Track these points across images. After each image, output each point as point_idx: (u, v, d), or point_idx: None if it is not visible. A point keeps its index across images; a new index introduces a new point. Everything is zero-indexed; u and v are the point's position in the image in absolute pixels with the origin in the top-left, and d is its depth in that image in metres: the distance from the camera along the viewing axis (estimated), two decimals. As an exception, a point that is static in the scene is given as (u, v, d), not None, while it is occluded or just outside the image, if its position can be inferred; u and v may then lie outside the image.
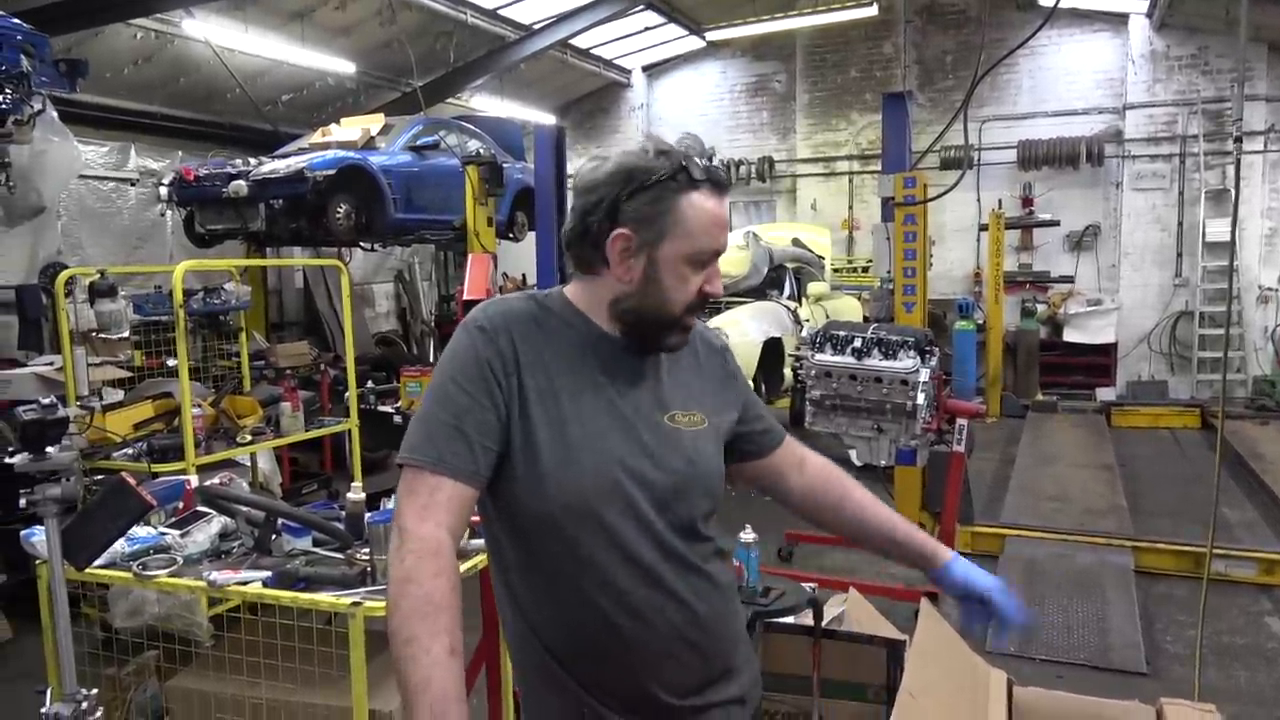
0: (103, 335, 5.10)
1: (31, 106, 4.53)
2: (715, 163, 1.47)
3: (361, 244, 8.68)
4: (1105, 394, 10.77)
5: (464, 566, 2.44)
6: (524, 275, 12.29)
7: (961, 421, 4.94)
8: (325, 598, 2.55)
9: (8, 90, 4.37)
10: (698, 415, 1.52)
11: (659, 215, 1.40)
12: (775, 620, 3.23)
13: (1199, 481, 7.08)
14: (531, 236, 8.84)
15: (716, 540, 1.54)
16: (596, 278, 1.47)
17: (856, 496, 1.73)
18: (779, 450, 1.72)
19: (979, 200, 11.43)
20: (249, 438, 4.75)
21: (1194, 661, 3.63)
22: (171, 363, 5.62)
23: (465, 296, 3.49)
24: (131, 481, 2.11)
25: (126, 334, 5.47)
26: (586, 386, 1.44)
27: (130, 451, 4.38)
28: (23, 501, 2.05)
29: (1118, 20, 10.93)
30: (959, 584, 1.69)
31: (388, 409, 6.03)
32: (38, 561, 2.71)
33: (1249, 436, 8.30)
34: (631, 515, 1.41)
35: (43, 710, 1.95)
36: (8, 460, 2.14)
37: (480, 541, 1.58)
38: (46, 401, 2.09)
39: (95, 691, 2.00)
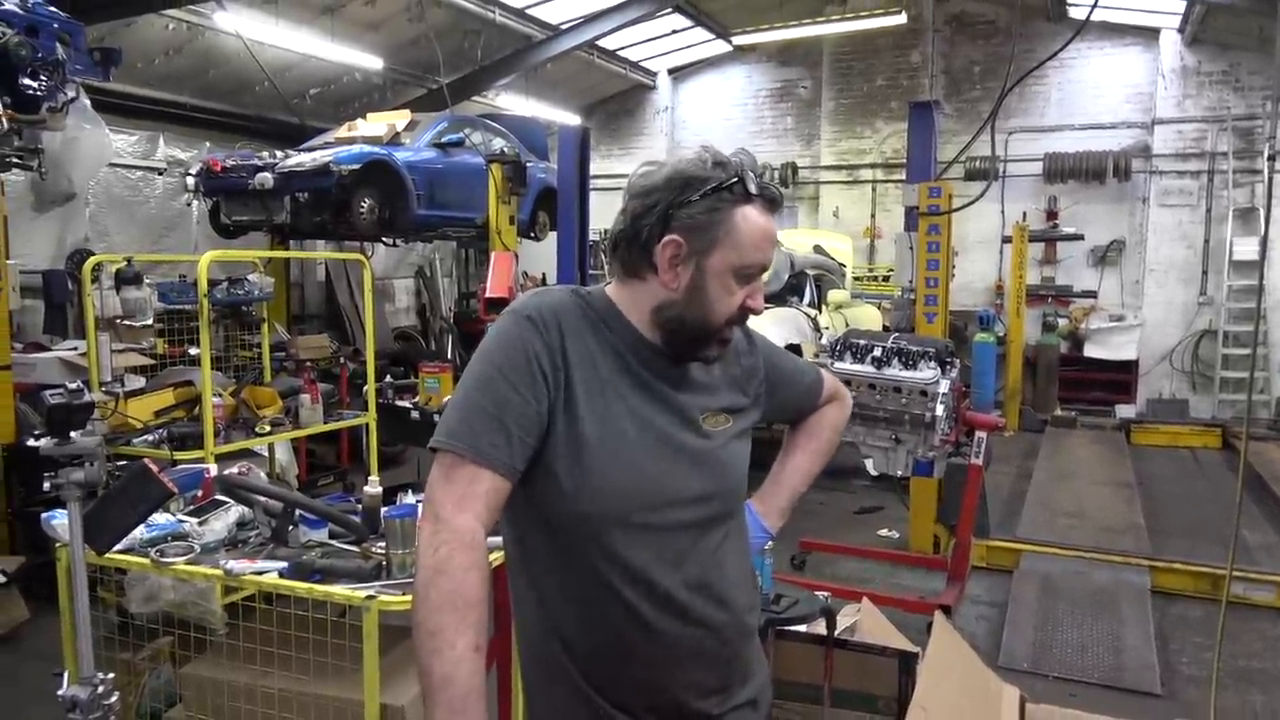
0: (127, 322, 5.16)
1: (65, 94, 4.58)
2: (767, 180, 1.47)
3: (384, 239, 8.73)
4: (1125, 411, 10.67)
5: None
6: (544, 274, 12.30)
7: (980, 434, 4.91)
8: (340, 590, 2.56)
9: (43, 77, 4.43)
10: (723, 416, 1.53)
11: (712, 225, 1.40)
12: (788, 628, 3.23)
13: (1218, 502, 7.01)
14: (553, 236, 8.87)
15: (737, 539, 1.55)
16: (640, 283, 1.46)
17: (796, 441, 1.86)
18: (811, 411, 1.84)
19: (1003, 212, 11.35)
20: (268, 428, 4.78)
21: (1209, 684, 3.59)
22: (193, 351, 5.67)
23: (489, 294, 3.49)
24: (154, 468, 2.13)
25: (150, 321, 5.53)
26: (631, 387, 1.44)
27: (151, 438, 4.42)
28: (46, 485, 2.07)
29: (1149, 34, 10.83)
30: None
31: (405, 404, 6.03)
32: (57, 544, 2.74)
33: (1271, 458, 8.20)
34: (669, 516, 1.41)
35: (60, 693, 1.97)
36: (33, 444, 2.16)
37: (498, 539, 1.56)
38: (73, 386, 2.11)
39: (111, 676, 2.02)
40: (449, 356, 10.62)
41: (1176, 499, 7.37)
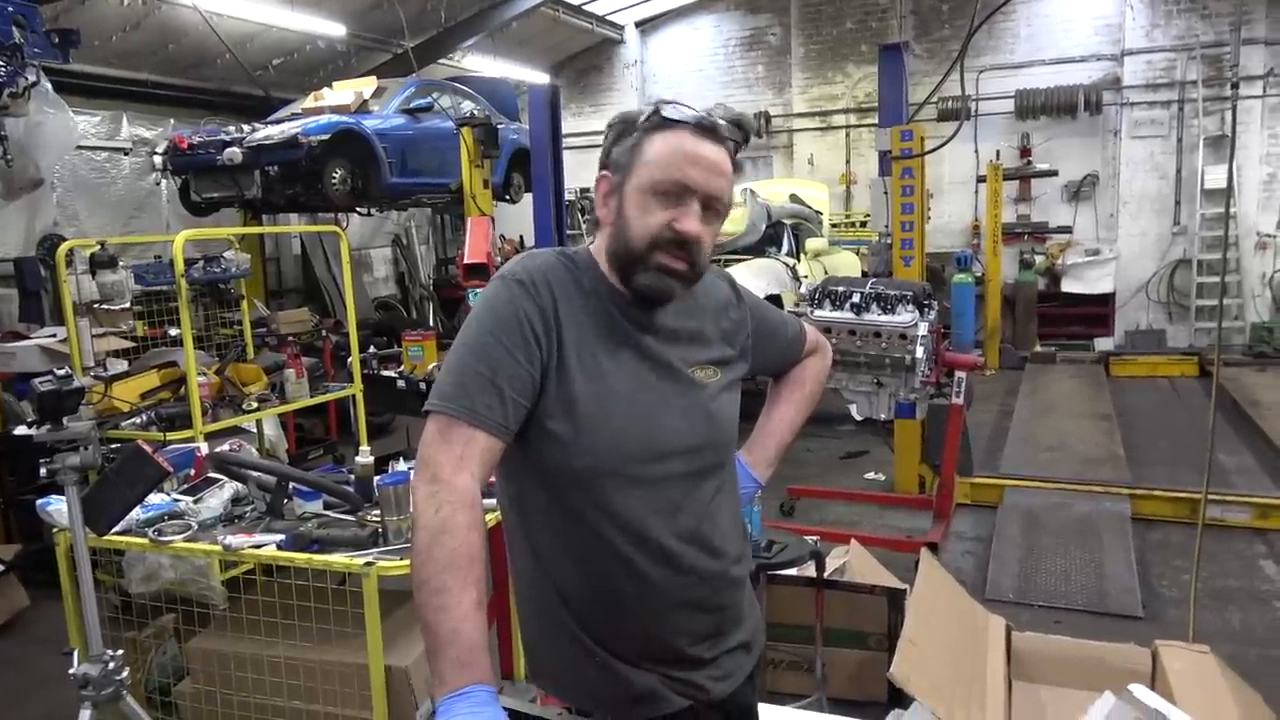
0: (105, 306, 5.13)
1: (26, 78, 4.50)
2: (717, 114, 1.45)
3: (358, 209, 8.65)
4: (1103, 344, 10.82)
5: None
6: (521, 237, 12.24)
7: (960, 374, 4.98)
8: (339, 559, 2.61)
9: (1, 63, 4.35)
10: (712, 368, 1.55)
11: (629, 153, 1.43)
12: (779, 573, 3.31)
13: (1196, 429, 7.14)
14: (528, 198, 8.82)
15: (729, 489, 1.58)
16: (603, 231, 1.50)
17: (781, 391, 1.88)
18: (794, 364, 1.87)
19: (977, 152, 11.37)
20: (255, 404, 4.79)
21: (1189, 605, 3.72)
22: (174, 332, 5.65)
23: (466, 260, 3.50)
24: (148, 449, 2.15)
25: (128, 304, 5.51)
26: (619, 343, 1.46)
27: (139, 420, 4.43)
28: (43, 471, 2.09)
29: (1116, -36, 10.79)
30: None
31: (391, 374, 6.05)
32: (55, 529, 2.77)
33: (1246, 384, 8.36)
34: (661, 469, 1.44)
35: (71, 671, 2.01)
36: (23, 432, 2.18)
37: (493, 500, 1.60)
38: (62, 372, 2.12)
39: (120, 652, 2.06)
40: (431, 324, 10.62)
41: (1155, 428, 7.51)
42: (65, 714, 2.26)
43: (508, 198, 9.47)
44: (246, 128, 7.57)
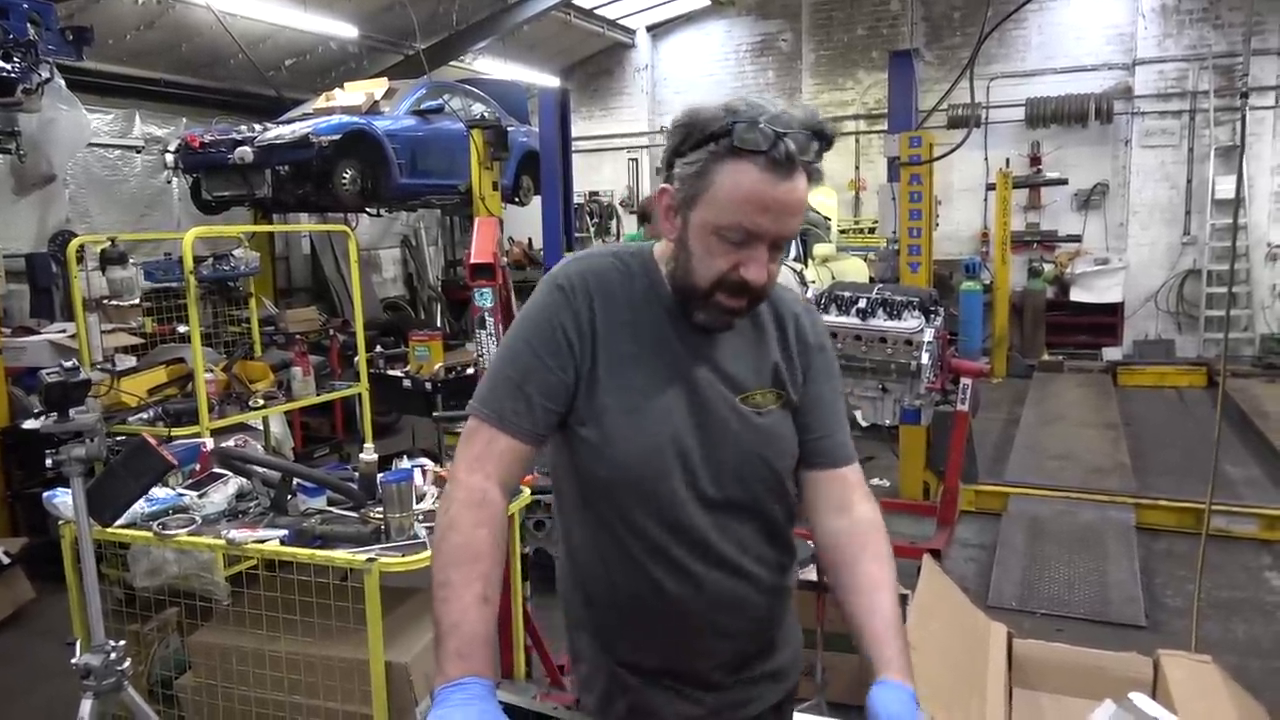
0: (114, 302, 5.16)
1: (40, 75, 4.54)
2: (796, 123, 1.28)
3: (367, 209, 8.69)
4: (1111, 353, 10.78)
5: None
6: (530, 239, 12.28)
7: (966, 381, 4.97)
8: (341, 554, 2.62)
9: (16, 59, 4.39)
10: (772, 394, 1.45)
11: (698, 177, 1.30)
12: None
13: (1203, 439, 7.09)
14: (537, 201, 8.84)
15: (766, 519, 1.47)
16: (665, 240, 1.42)
17: (862, 570, 1.43)
18: (829, 474, 1.50)
19: (987, 159, 11.35)
20: (261, 401, 4.82)
21: (1193, 615, 3.70)
22: (182, 329, 5.68)
23: (473, 260, 3.51)
24: (153, 442, 2.17)
25: (138, 300, 5.54)
26: (662, 359, 1.39)
27: (146, 416, 4.46)
28: (49, 462, 2.11)
29: (1128, -26, 10.77)
30: (869, 707, 1.29)
31: (397, 373, 6.08)
32: (60, 522, 2.79)
33: (1254, 395, 8.32)
34: (687, 493, 1.38)
35: (73, 661, 2.02)
36: (31, 425, 2.20)
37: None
38: (69, 365, 2.14)
39: (123, 643, 2.08)
40: (438, 325, 10.64)
41: (1162, 437, 7.48)
42: (68, 706, 2.27)
43: (517, 200, 9.50)
44: (258, 127, 7.62)
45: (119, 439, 3.19)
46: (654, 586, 1.40)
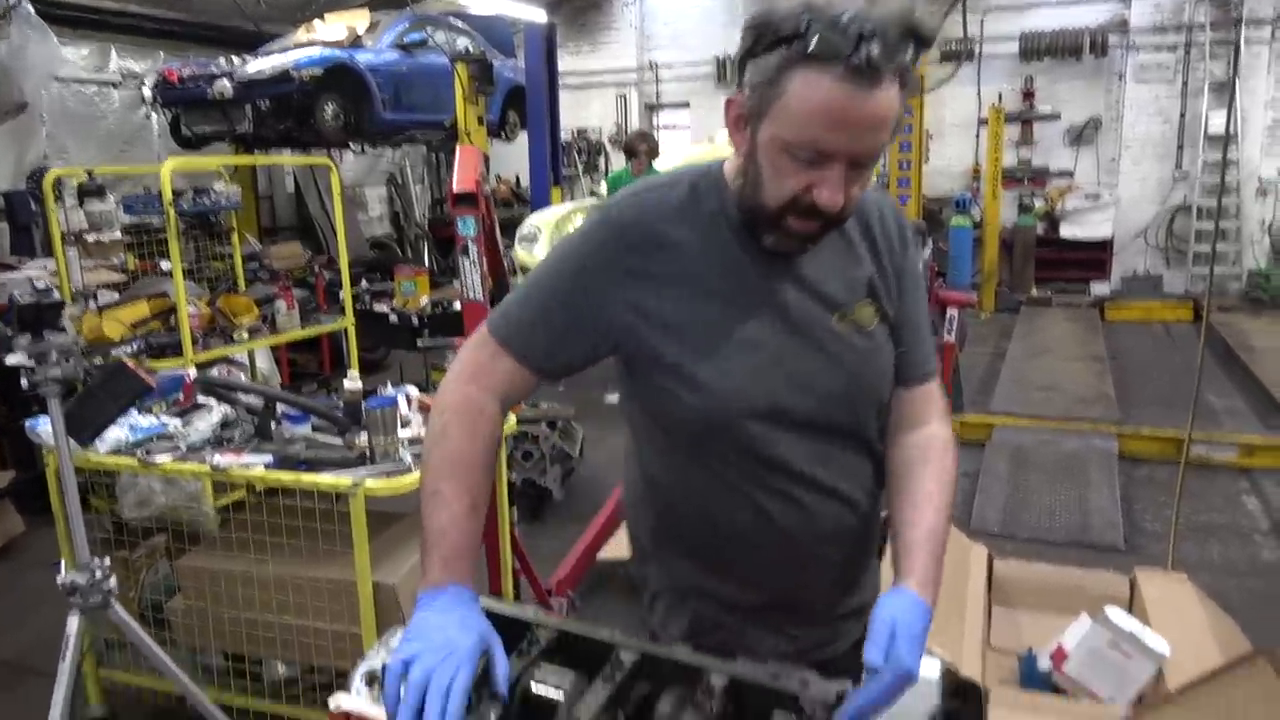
0: (95, 236, 5.10)
1: (6, 0, 4.42)
2: (891, 36, 1.08)
3: (351, 145, 8.57)
4: (1100, 289, 10.79)
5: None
6: (516, 177, 12.16)
7: (952, 312, 4.98)
8: (326, 478, 2.63)
9: (-20, -18, 4.26)
10: (870, 310, 1.34)
11: (766, 85, 1.16)
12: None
13: (1187, 372, 7.12)
14: (523, 137, 8.73)
15: (871, 449, 1.39)
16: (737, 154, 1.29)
17: (917, 485, 1.35)
18: (909, 391, 1.41)
19: (979, 94, 11.21)
20: (246, 335, 4.80)
21: (1170, 537, 3.77)
22: (165, 266, 5.63)
23: (455, 189, 3.45)
24: (130, 363, 2.16)
25: (118, 235, 5.48)
26: (738, 284, 1.28)
27: (129, 349, 4.43)
28: (24, 382, 2.09)
29: (1127, -99, 10.53)
30: (874, 619, 1.18)
31: (383, 309, 6.06)
32: (45, 450, 2.79)
33: (1240, 329, 8.36)
34: (788, 423, 1.29)
35: (59, 579, 2.03)
36: (14, 360, 2.17)
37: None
38: (41, 286, 2.12)
39: (108, 562, 2.09)
40: (425, 263, 10.58)
41: (1147, 370, 7.53)
42: (59, 633, 2.29)
43: (503, 135, 9.38)
44: (237, 60, 7.46)
45: (97, 361, 3.17)
46: (760, 519, 1.32)
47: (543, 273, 1.32)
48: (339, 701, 0.99)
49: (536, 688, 1.10)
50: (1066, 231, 11.02)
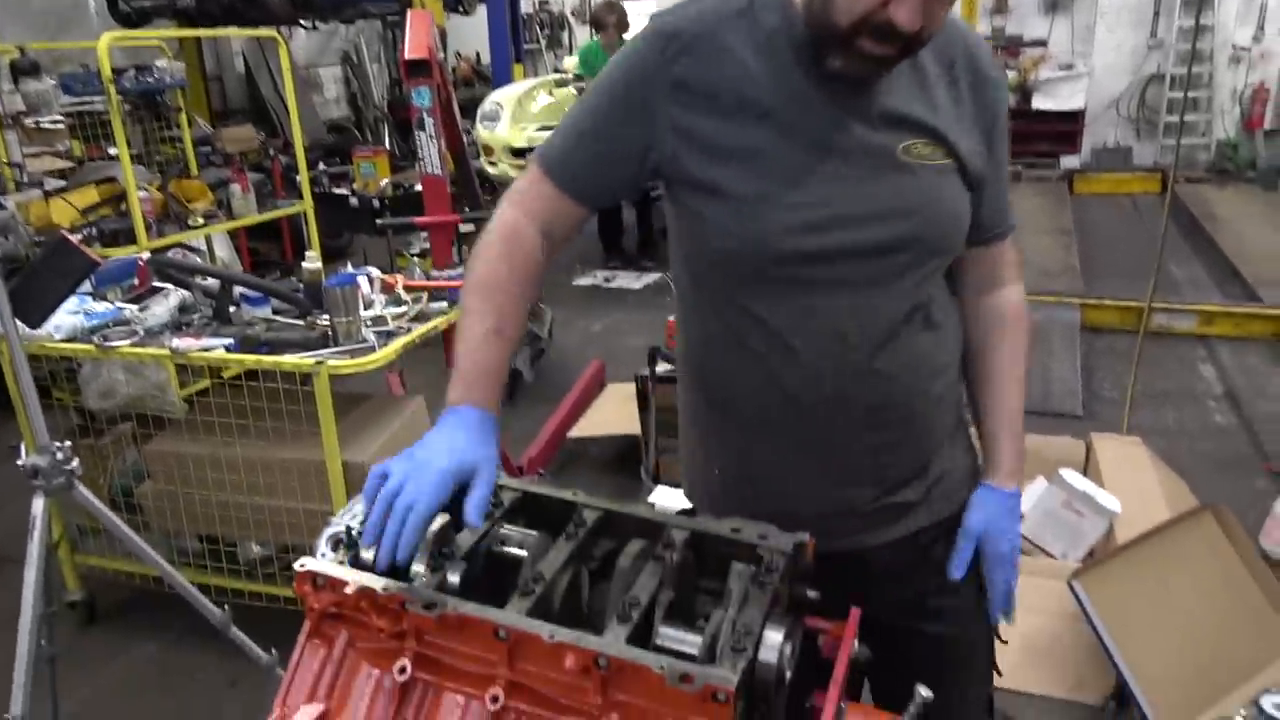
0: (34, 119, 4.88)
1: None
2: None
3: (300, 21, 8.18)
4: (1070, 162, 10.72)
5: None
6: (477, 53, 11.73)
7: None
8: (289, 359, 2.60)
9: None
10: (942, 150, 1.21)
11: None
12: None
13: (1152, 243, 7.16)
14: (483, 12, 8.38)
15: (935, 304, 1.27)
16: None
17: (990, 362, 1.36)
18: (984, 249, 1.34)
19: (953, -41, 10.84)
20: (201, 220, 4.67)
21: (1126, 403, 3.86)
22: (112, 151, 5.42)
23: (407, 56, 3.31)
24: (72, 239, 2.08)
25: (59, 119, 5.24)
26: (793, 107, 1.16)
27: (80, 237, 4.29)
28: (-35, 263, 2.03)
29: None
30: (969, 517, 1.32)
31: (343, 191, 5.90)
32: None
33: (1206, 199, 8.39)
34: (830, 269, 1.18)
35: (20, 463, 2.01)
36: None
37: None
38: (-28, 162, 2.02)
39: (69, 443, 2.07)
40: (385, 145, 10.28)
41: (1113, 242, 7.57)
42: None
43: (461, 9, 8.96)
44: (172, -73, 7.03)
45: (39, 238, 3.07)
46: (773, 386, 1.24)
47: (587, 99, 1.26)
48: (304, 563, 0.99)
49: (500, 547, 1.11)
50: (1038, 103, 10.84)
